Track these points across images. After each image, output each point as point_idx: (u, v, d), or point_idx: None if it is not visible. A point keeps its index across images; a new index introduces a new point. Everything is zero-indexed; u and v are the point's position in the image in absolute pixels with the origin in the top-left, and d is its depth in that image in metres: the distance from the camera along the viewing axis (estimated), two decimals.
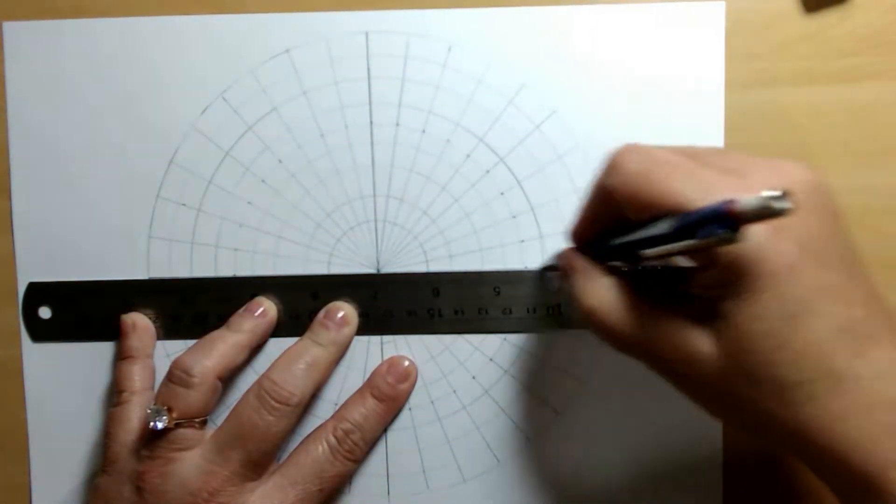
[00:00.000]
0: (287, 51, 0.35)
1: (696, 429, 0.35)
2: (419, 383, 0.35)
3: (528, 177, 0.35)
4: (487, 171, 0.35)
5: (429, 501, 0.35)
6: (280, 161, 0.35)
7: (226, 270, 0.35)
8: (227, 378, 0.33)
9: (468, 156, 0.35)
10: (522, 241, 0.35)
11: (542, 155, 0.34)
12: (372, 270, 0.35)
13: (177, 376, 0.32)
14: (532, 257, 0.35)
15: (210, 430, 0.32)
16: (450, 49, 0.34)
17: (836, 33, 0.34)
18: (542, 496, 0.35)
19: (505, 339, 0.35)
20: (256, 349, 0.35)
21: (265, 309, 0.34)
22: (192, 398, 0.31)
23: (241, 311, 0.34)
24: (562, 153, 0.34)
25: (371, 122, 0.35)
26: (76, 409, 0.35)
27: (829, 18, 0.34)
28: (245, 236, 0.35)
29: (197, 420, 0.32)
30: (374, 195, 0.35)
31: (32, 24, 0.35)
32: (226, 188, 0.35)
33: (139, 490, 0.31)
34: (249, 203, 0.35)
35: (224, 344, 0.33)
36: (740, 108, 0.34)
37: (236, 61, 0.35)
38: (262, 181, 0.35)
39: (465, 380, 0.35)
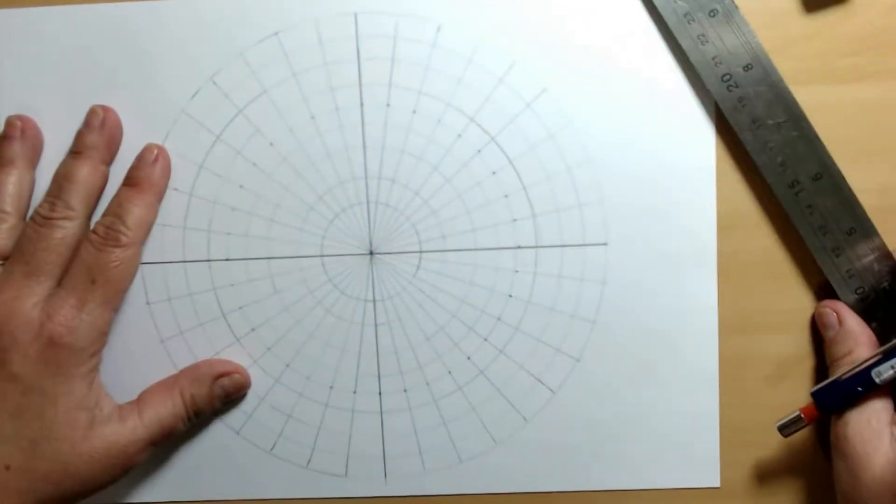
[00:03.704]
0: (276, 33, 0.34)
1: (692, 404, 0.35)
2: (414, 365, 0.35)
3: (520, 156, 0.34)
4: (479, 151, 0.35)
5: (425, 483, 0.35)
6: (271, 144, 0.35)
7: (218, 254, 0.35)
8: None
9: (459, 135, 0.35)
10: (515, 220, 0.35)
11: (533, 133, 0.34)
12: (365, 252, 0.35)
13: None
14: (525, 236, 0.35)
15: None
16: (439, 29, 0.34)
17: (836, 33, 0.34)
18: (539, 476, 0.35)
19: (499, 319, 0.35)
20: None
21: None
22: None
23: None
24: (553, 131, 0.34)
25: (361, 104, 0.35)
26: None
27: (829, 18, 0.34)
28: (237, 220, 0.35)
29: None
30: (366, 177, 0.35)
31: (18, 12, 0.35)
32: (217, 172, 0.35)
33: None
34: (241, 187, 0.35)
35: None
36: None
37: (225, 44, 0.34)
38: (254, 164, 0.35)
39: (460, 360, 0.35)
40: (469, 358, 0.35)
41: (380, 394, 0.35)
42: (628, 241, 0.34)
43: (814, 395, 0.32)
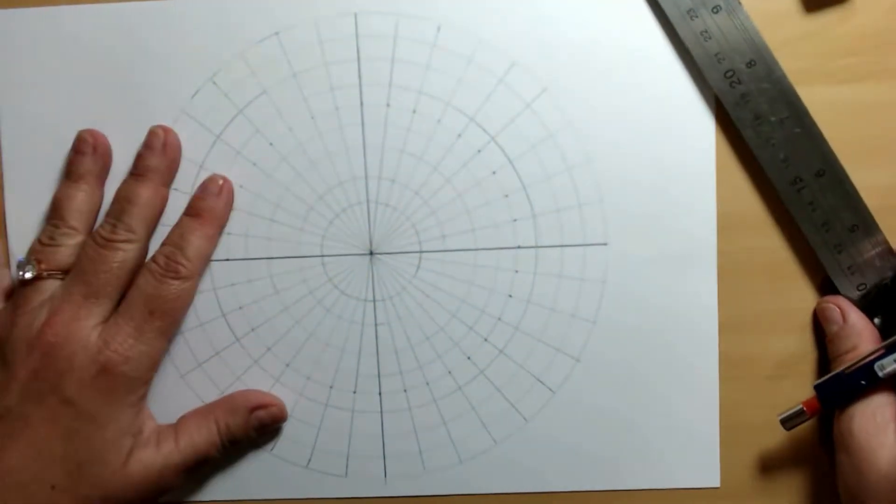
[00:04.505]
0: (276, 33, 0.34)
1: (692, 404, 0.35)
2: (414, 365, 0.35)
3: (520, 155, 0.34)
4: (479, 151, 0.34)
5: (426, 483, 0.35)
6: (271, 144, 0.35)
7: (218, 254, 0.35)
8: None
9: (459, 135, 0.34)
10: (515, 220, 0.35)
11: (533, 133, 0.34)
12: (365, 252, 0.35)
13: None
14: (525, 236, 0.35)
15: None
16: (439, 28, 0.34)
17: (836, 33, 0.34)
18: (539, 476, 0.35)
19: (499, 319, 0.35)
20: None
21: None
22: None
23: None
24: (553, 131, 0.34)
25: (361, 104, 0.35)
26: None
27: (829, 18, 0.34)
28: (237, 220, 0.35)
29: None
30: (366, 177, 0.35)
31: (20, 13, 0.35)
32: (217, 172, 0.35)
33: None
34: (241, 187, 0.35)
35: None
36: None
37: (225, 44, 0.34)
38: (254, 164, 0.35)
39: (460, 360, 0.35)
40: (469, 358, 0.35)
41: (380, 394, 0.35)
42: (628, 241, 0.34)
43: (817, 388, 0.32)
